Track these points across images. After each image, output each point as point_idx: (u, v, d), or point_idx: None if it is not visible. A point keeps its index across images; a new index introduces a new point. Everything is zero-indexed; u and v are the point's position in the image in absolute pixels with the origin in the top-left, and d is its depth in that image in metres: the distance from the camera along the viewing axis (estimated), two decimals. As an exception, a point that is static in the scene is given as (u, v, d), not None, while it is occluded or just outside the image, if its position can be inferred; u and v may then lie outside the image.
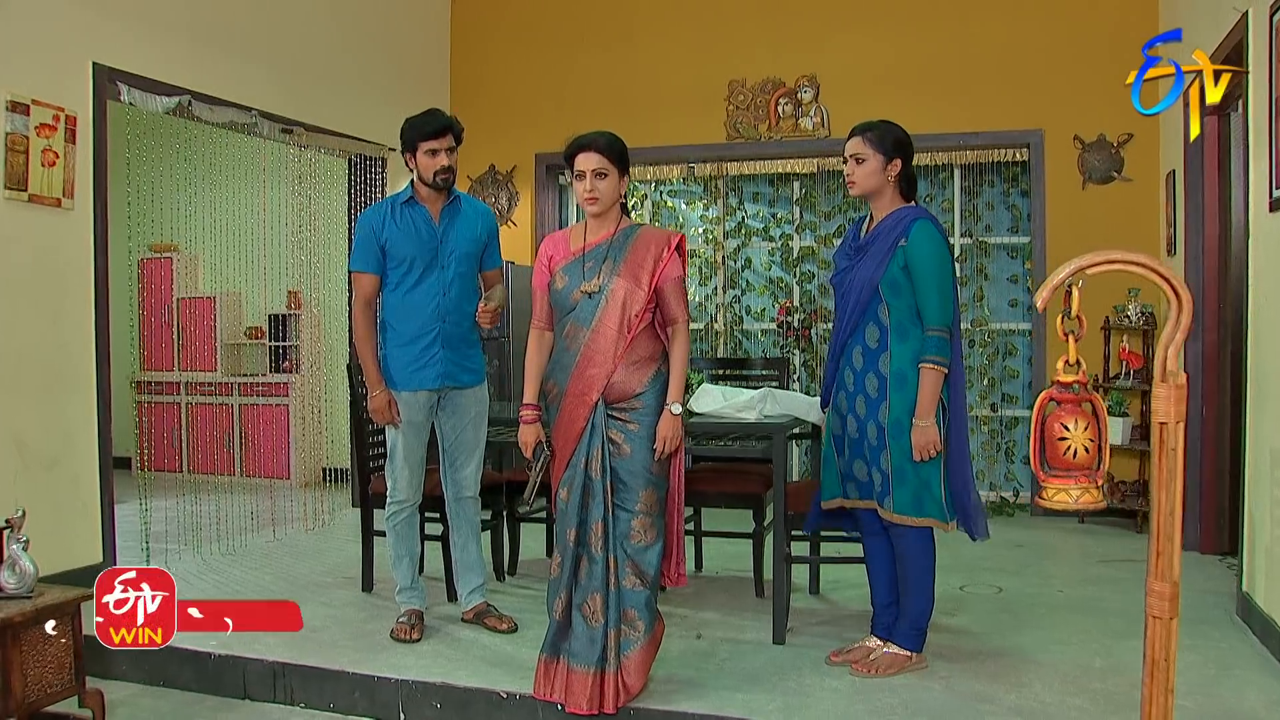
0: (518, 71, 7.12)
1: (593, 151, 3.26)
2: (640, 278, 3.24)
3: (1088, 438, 2.28)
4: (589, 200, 3.27)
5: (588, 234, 3.35)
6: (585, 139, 3.30)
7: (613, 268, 3.26)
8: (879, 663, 3.49)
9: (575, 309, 3.28)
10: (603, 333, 3.23)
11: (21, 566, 3.32)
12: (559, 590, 3.25)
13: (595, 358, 3.23)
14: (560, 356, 3.32)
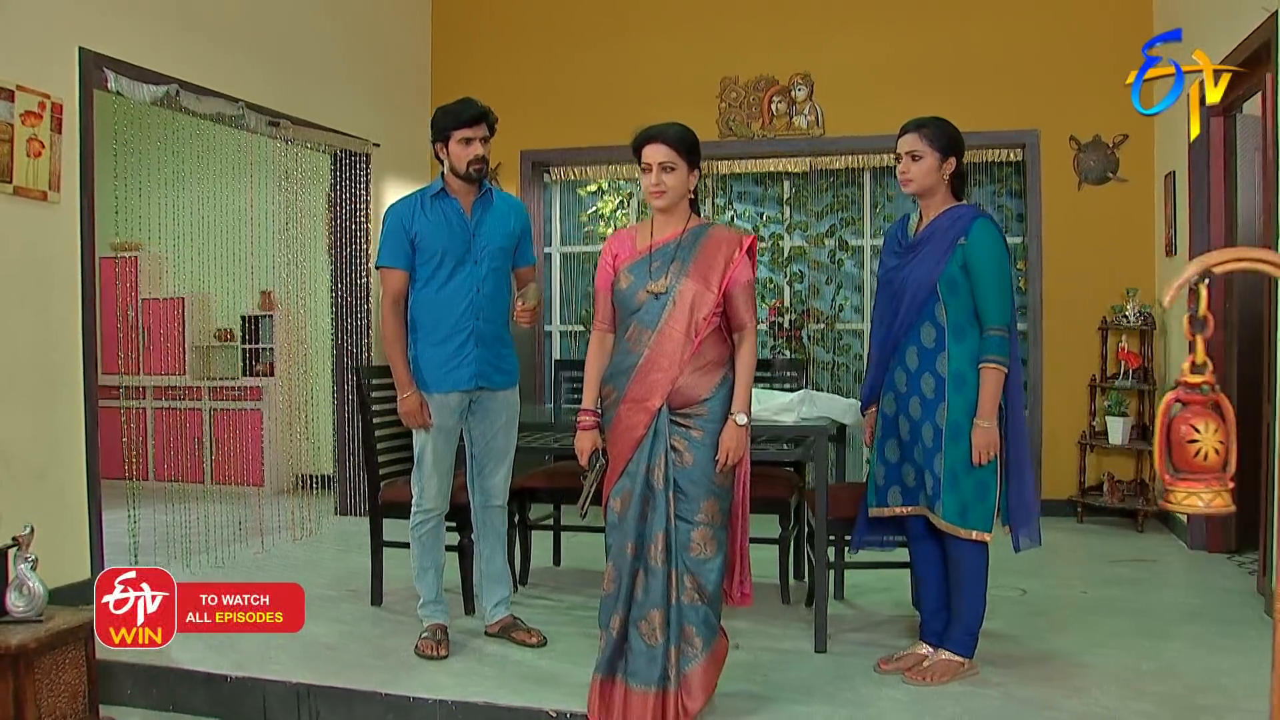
0: (503, 66, 6.94)
1: (660, 143, 3.11)
2: (710, 279, 3.10)
3: (1218, 440, 2.20)
4: (655, 194, 3.13)
5: (654, 232, 3.20)
6: (654, 130, 3.16)
7: (681, 268, 3.11)
8: (933, 670, 3.42)
9: (640, 310, 3.13)
10: (669, 335, 3.08)
11: (30, 588, 3.10)
12: (615, 607, 3.10)
13: (660, 361, 3.08)
14: (621, 360, 3.16)
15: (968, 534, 3.30)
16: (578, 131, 6.83)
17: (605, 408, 3.21)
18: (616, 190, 7.15)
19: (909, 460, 3.43)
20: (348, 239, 6.14)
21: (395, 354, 3.69)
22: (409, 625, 4.05)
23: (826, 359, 6.84)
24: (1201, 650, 3.69)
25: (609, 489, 3.17)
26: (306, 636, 3.90)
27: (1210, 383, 2.25)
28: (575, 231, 7.30)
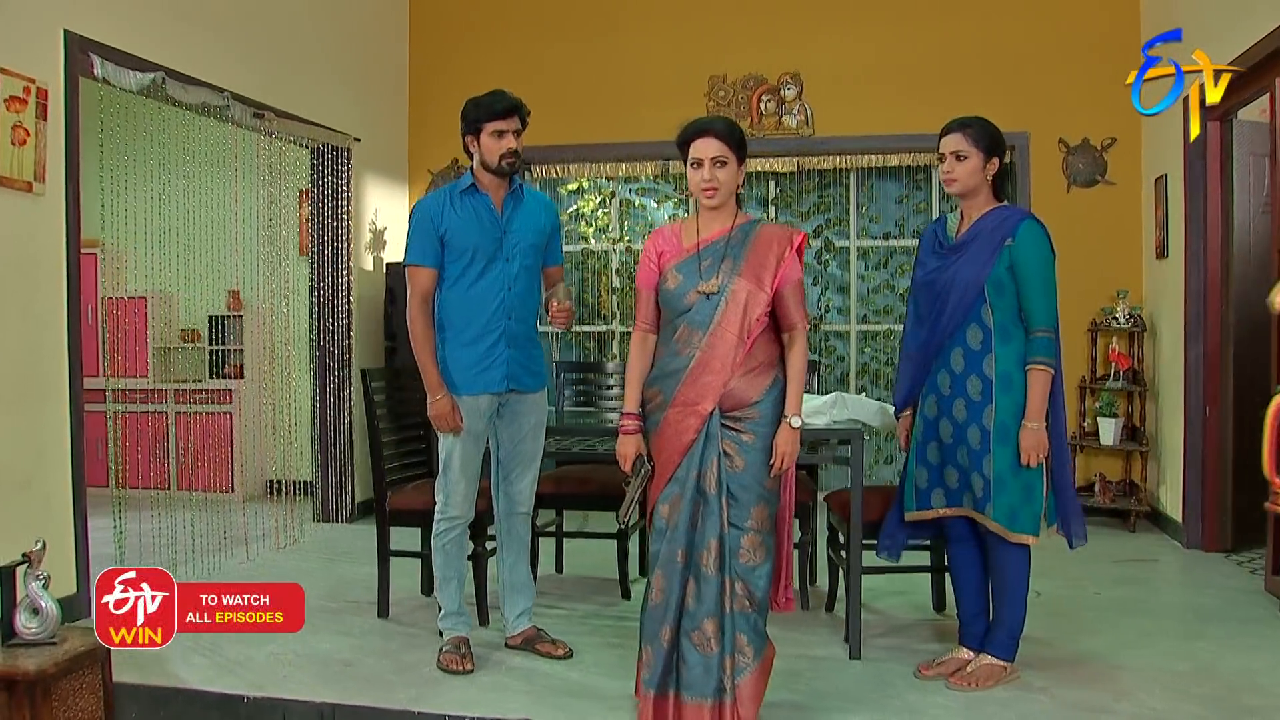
0: (483, 61, 6.77)
1: (712, 137, 3.02)
2: (762, 278, 3.01)
3: (1328, 443, 2.19)
4: (708, 191, 3.03)
5: (701, 229, 3.10)
6: (703, 123, 3.07)
7: (733, 267, 3.02)
8: (977, 675, 3.37)
9: (690, 311, 3.02)
10: (721, 337, 2.99)
11: (44, 608, 2.88)
12: (665, 618, 2.99)
13: (712, 364, 2.98)
14: (668, 362, 3.05)
15: (1018, 537, 3.26)
16: (561, 129, 6.66)
17: (649, 411, 3.10)
18: (597, 189, 7.02)
19: (951, 462, 3.37)
20: (329, 237, 5.93)
21: (425, 355, 3.54)
22: (423, 638, 3.91)
23: (811, 360, 6.79)
24: (1230, 650, 3.71)
25: (656, 495, 3.06)
26: (317, 652, 3.75)
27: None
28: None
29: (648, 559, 3.12)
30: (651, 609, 3.03)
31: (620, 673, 3.52)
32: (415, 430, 4.49)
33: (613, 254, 7.04)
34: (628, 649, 3.76)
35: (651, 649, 3.01)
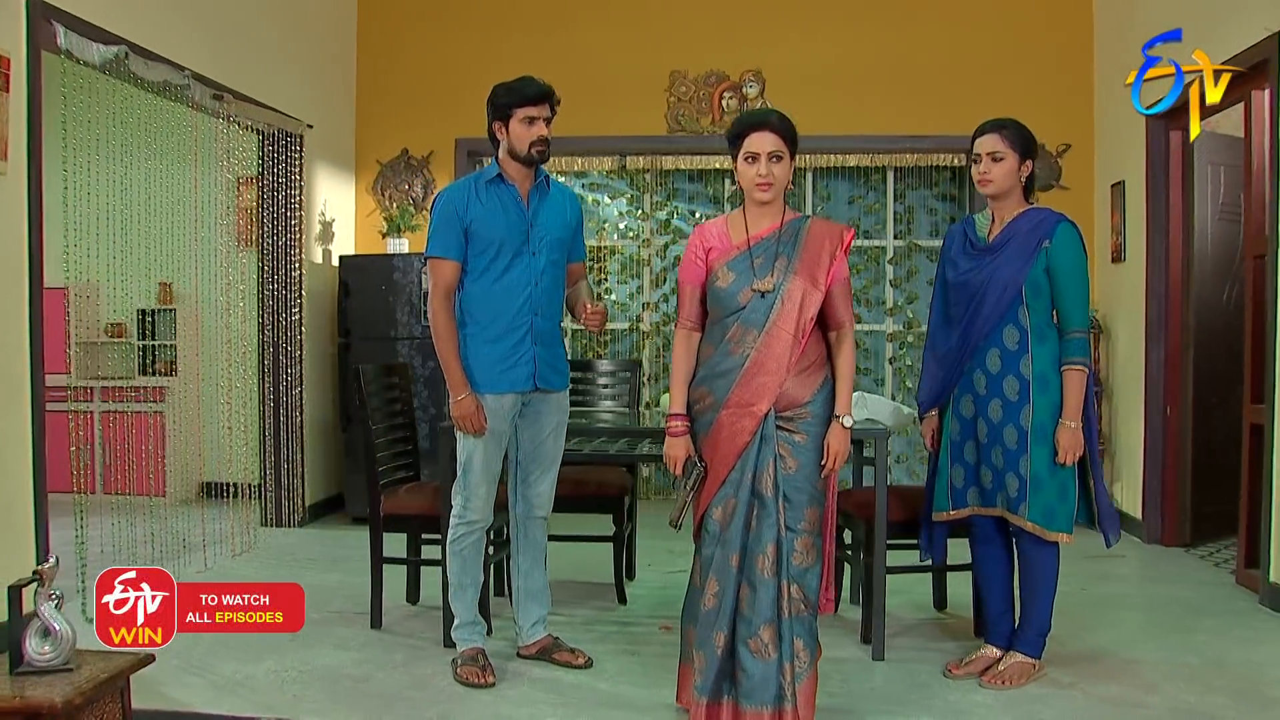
0: (437, 49, 6.55)
1: (769, 131, 2.94)
2: (817, 276, 2.95)
3: None
4: (763, 186, 2.95)
5: (750, 225, 3.02)
6: (758, 116, 2.99)
7: (788, 265, 2.95)
8: (1009, 673, 3.38)
9: (744, 309, 2.94)
10: (777, 336, 2.91)
11: (58, 632, 2.62)
12: (719, 623, 2.91)
13: (767, 364, 2.91)
14: (720, 361, 2.96)
15: (1055, 536, 3.28)
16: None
17: (698, 413, 3.01)
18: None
19: (986, 462, 3.38)
20: (280, 228, 5.62)
21: (449, 352, 3.37)
22: (427, 650, 3.74)
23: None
24: (1228, 643, 3.82)
25: (708, 499, 2.97)
26: (319, 668, 3.55)
27: None
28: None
29: (700, 562, 3.02)
30: (704, 615, 2.94)
31: (646, 680, 3.43)
32: (403, 431, 4.29)
33: (563, 250, 6.89)
34: (645, 655, 3.69)
35: (704, 655, 2.92)
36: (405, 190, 6.48)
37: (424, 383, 5.89)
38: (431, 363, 5.89)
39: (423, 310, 5.88)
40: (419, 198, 6.49)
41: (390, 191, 6.52)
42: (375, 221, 6.50)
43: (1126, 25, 5.84)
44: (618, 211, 6.92)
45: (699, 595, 2.99)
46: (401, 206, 6.29)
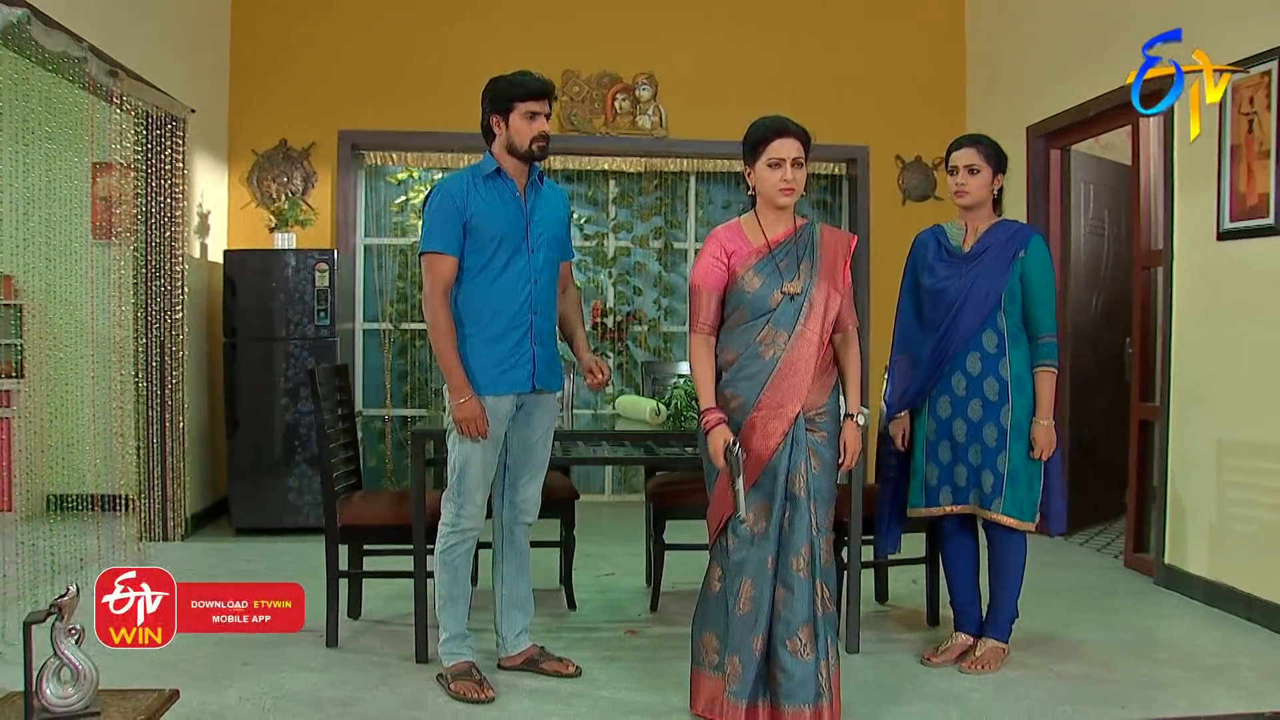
0: (320, 36, 6.21)
1: (792, 137, 3.00)
2: (836, 280, 3.04)
3: None
4: (785, 190, 3.00)
5: (767, 229, 3.06)
6: (780, 122, 3.03)
7: (811, 268, 3.02)
8: (986, 658, 3.57)
9: (775, 311, 2.98)
10: (806, 339, 2.97)
11: (79, 671, 2.35)
12: (756, 626, 2.92)
13: (797, 365, 2.96)
14: (747, 364, 2.99)
15: (1027, 526, 3.49)
16: (397, 115, 6.28)
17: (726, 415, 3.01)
18: (430, 180, 6.65)
19: (962, 461, 3.54)
20: (160, 219, 5.18)
21: (449, 351, 3.23)
22: (399, 667, 3.57)
23: (651, 361, 6.83)
24: (1149, 619, 4.19)
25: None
26: (293, 692, 3.33)
27: None
28: (379, 221, 6.67)
29: (728, 566, 3.00)
30: (739, 619, 2.95)
31: (645, 686, 3.41)
32: (348, 437, 4.06)
33: (445, 249, 6.69)
34: (628, 661, 3.67)
35: (740, 659, 2.93)
36: (284, 183, 6.12)
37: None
38: (326, 364, 5.59)
39: (317, 310, 5.58)
40: (298, 192, 6.14)
41: (267, 184, 6.13)
42: (251, 214, 6.10)
43: (998, 46, 6.26)
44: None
45: (727, 601, 2.98)
46: (292, 200, 5.93)
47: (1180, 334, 4.53)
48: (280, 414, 5.59)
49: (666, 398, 4.11)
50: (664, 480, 4.45)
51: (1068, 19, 5.44)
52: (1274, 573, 3.98)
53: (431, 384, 6.65)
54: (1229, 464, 4.26)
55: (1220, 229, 4.25)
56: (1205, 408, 4.37)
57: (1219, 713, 3.20)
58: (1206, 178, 4.30)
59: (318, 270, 5.55)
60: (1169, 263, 4.58)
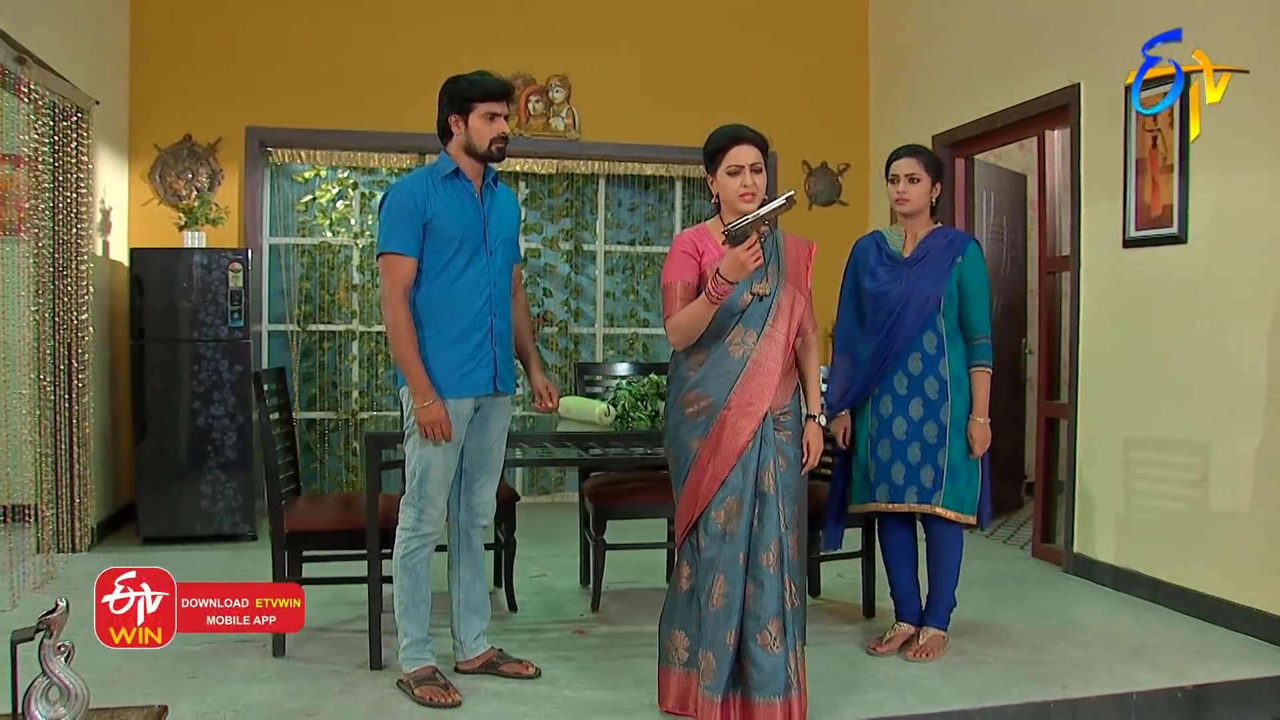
0: (226, 28, 6.01)
1: (749, 144, 3.07)
2: (800, 283, 3.15)
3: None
4: (746, 196, 3.04)
5: None
6: (737, 130, 3.09)
7: (778, 270, 3.11)
8: (929, 646, 3.73)
9: (745, 312, 3.05)
10: (775, 339, 3.06)
11: (72, 691, 2.25)
12: (729, 622, 2.98)
13: (766, 364, 3.04)
14: (718, 363, 3.05)
15: (966, 519, 3.66)
16: (305, 112, 6.14)
17: (692, 414, 3.07)
18: (338, 180, 6.51)
19: (900, 458, 3.69)
20: (64, 215, 4.92)
21: (410, 354, 3.19)
22: (354, 674, 3.52)
23: (560, 363, 6.85)
24: (1066, 605, 4.43)
25: (707, 500, 3.02)
26: (257, 705, 3.25)
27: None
28: (285, 220, 6.49)
29: (699, 563, 3.05)
30: (714, 614, 3.00)
31: (607, 684, 3.44)
32: (288, 441, 3.96)
33: (354, 249, 6.57)
34: (584, 661, 3.70)
35: (714, 654, 2.99)
36: (189, 180, 5.90)
37: (231, 388, 5.40)
38: (240, 366, 5.43)
39: (230, 311, 5.40)
40: (203, 189, 5.92)
41: (171, 180, 5.90)
42: (154, 211, 5.86)
43: (901, 58, 6.52)
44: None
45: (698, 598, 3.04)
46: (202, 198, 5.71)
47: (1087, 336, 4.81)
48: (191, 418, 5.38)
49: (612, 398, 4.15)
50: (602, 481, 4.49)
51: (969, 35, 5.71)
52: (1178, 557, 4.28)
53: (340, 386, 6.52)
54: (1134, 457, 4.54)
55: (1126, 237, 4.52)
56: (1111, 405, 4.66)
57: (1148, 688, 3.43)
58: (1112, 188, 4.58)
59: (231, 270, 5.37)
60: (1076, 268, 4.85)
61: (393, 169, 6.55)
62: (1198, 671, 3.56)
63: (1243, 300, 3.96)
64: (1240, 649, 3.79)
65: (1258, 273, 3.90)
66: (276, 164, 6.33)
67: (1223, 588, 4.04)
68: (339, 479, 6.50)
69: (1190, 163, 4.16)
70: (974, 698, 3.33)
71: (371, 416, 6.52)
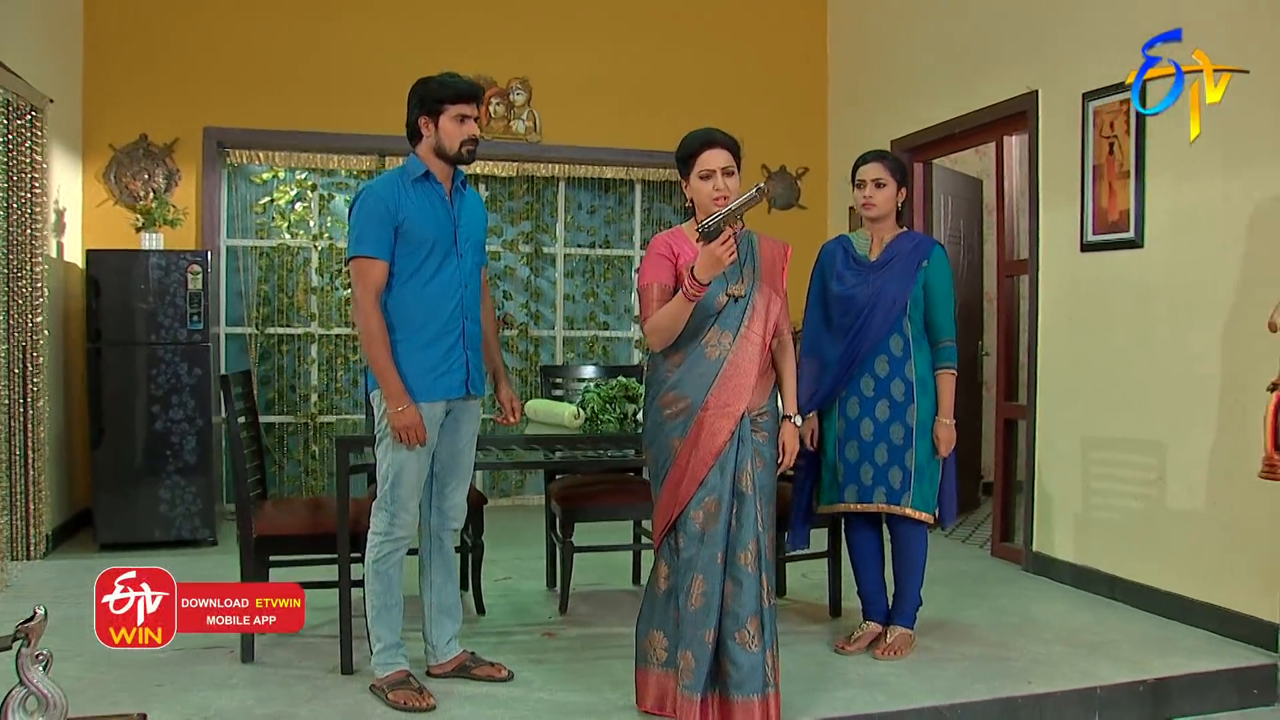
0: (183, 26, 5.93)
1: (720, 148, 3.11)
2: (776, 284, 3.19)
3: (1310, 426, 2.89)
4: (719, 200, 3.06)
5: None
6: (709, 134, 3.13)
7: (754, 272, 3.15)
8: (897, 645, 3.78)
9: (721, 313, 3.08)
10: (750, 339, 3.09)
11: (50, 701, 2.22)
12: (707, 621, 3.00)
13: (743, 365, 3.07)
14: (695, 364, 3.07)
15: (930, 518, 3.72)
16: (263, 112, 6.08)
17: (670, 417, 3.08)
18: (296, 182, 6.44)
19: (868, 459, 3.73)
20: (20, 216, 4.81)
21: (384, 358, 3.18)
22: (325, 680, 3.49)
23: (520, 366, 6.84)
24: (1026, 602, 4.51)
25: (685, 501, 3.03)
26: (234, 713, 3.23)
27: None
28: (242, 221, 6.41)
29: (678, 564, 3.07)
30: (692, 614, 3.01)
31: (582, 686, 3.45)
32: (254, 445, 3.92)
33: (313, 251, 6.51)
34: (556, 663, 3.71)
35: (693, 654, 3.00)
36: (145, 180, 5.80)
37: (190, 392, 5.33)
38: (199, 370, 5.35)
39: (189, 314, 5.32)
40: (161, 189, 5.84)
41: (127, 180, 5.80)
42: (109, 212, 5.76)
43: (859, 63, 6.60)
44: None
45: (677, 598, 3.06)
46: (160, 199, 5.62)
47: (1046, 338, 4.90)
48: (149, 422, 5.30)
49: (580, 401, 4.15)
50: (569, 483, 4.50)
51: (928, 41, 5.80)
52: (1135, 555, 4.38)
53: (299, 390, 6.45)
54: (1092, 457, 4.64)
55: (1084, 241, 4.63)
56: (1069, 406, 4.76)
57: (1110, 682, 3.51)
58: (1070, 194, 4.68)
59: (190, 272, 5.29)
60: (1035, 272, 4.94)
61: (352, 171, 6.51)
62: (1157, 665, 3.65)
63: (1197, 303, 4.07)
64: (1198, 643, 3.89)
65: (1212, 277, 4.01)
66: (234, 165, 6.26)
67: (1179, 584, 4.14)
68: (299, 483, 6.43)
69: (1147, 169, 4.27)
70: (943, 694, 3.38)
71: (332, 420, 6.46)
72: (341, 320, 6.50)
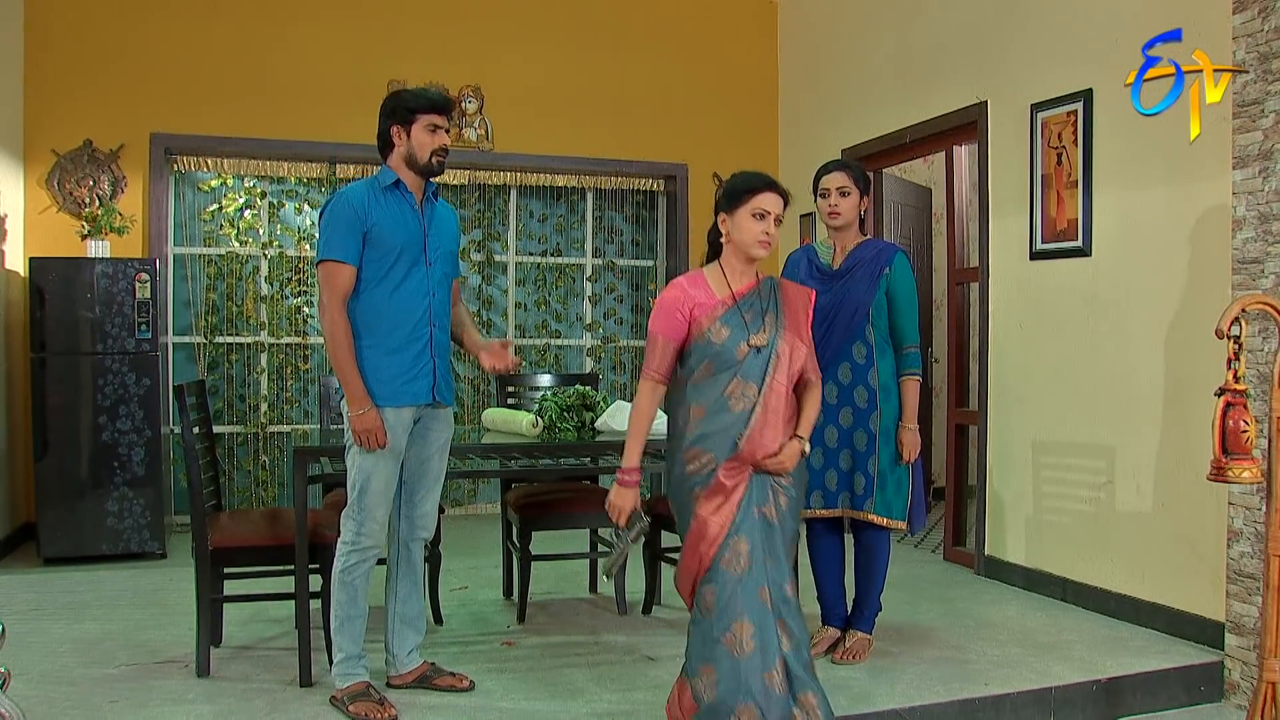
0: (129, 31, 5.83)
1: (779, 195, 2.98)
2: (800, 333, 3.04)
3: (1255, 430, 2.96)
4: (765, 243, 2.96)
5: (732, 280, 3.01)
6: (771, 179, 3.01)
7: (776, 320, 3.01)
8: (856, 649, 3.82)
9: (743, 364, 2.94)
10: (776, 391, 2.95)
11: (7, 719, 2.14)
12: (768, 665, 2.82)
13: (771, 419, 2.92)
14: (717, 417, 2.92)
15: (896, 524, 3.76)
16: (212, 119, 6.00)
17: (693, 472, 2.93)
18: (245, 189, 6.36)
19: (832, 466, 3.78)
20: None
21: (348, 362, 3.16)
22: (283, 692, 3.44)
23: (471, 374, 6.81)
24: (981, 605, 4.58)
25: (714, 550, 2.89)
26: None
27: (1245, 390, 3.00)
28: (189, 229, 6.31)
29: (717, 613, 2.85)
30: (745, 662, 2.81)
31: (540, 695, 3.45)
32: (209, 455, 3.86)
33: (262, 259, 6.42)
34: (517, 672, 3.70)
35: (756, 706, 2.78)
36: (90, 187, 5.69)
37: (139, 403, 5.22)
38: (148, 380, 5.25)
39: (137, 323, 5.22)
40: (106, 195, 5.72)
41: (71, 187, 5.68)
42: (52, 219, 5.64)
43: (810, 73, 6.67)
44: (310, 221, 6.52)
45: (725, 648, 2.84)
46: (106, 206, 5.50)
47: (996, 344, 4.99)
48: (96, 434, 5.19)
49: (538, 409, 4.14)
50: (526, 492, 4.48)
51: (878, 52, 5.88)
52: (1086, 557, 4.47)
53: (248, 399, 6.36)
54: (1043, 461, 4.73)
55: (1033, 250, 4.72)
56: (1021, 411, 4.84)
57: (1065, 682, 3.57)
58: (1019, 203, 4.77)
59: (138, 281, 5.19)
60: (985, 279, 5.03)
61: (301, 178, 6.44)
62: (1109, 665, 3.72)
63: (1143, 310, 4.17)
64: (1148, 642, 3.98)
65: (1156, 285, 4.11)
66: (182, 172, 6.16)
67: (1129, 585, 4.23)
68: (248, 494, 6.33)
69: (1094, 179, 4.37)
70: (903, 697, 3.42)
71: (283, 430, 6.37)
72: (292, 329, 6.43)
